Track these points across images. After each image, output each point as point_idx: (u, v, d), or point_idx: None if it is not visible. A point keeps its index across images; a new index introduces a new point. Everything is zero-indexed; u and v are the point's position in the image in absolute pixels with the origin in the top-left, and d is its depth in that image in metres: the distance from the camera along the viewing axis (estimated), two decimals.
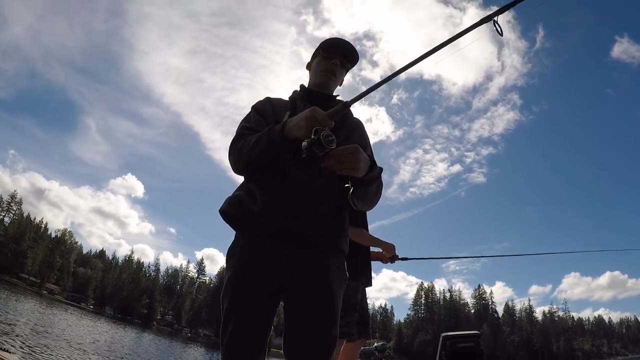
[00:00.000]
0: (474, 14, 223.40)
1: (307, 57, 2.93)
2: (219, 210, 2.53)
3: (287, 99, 2.84)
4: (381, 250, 5.08)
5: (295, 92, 2.88)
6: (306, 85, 2.89)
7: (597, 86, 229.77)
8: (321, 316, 2.31)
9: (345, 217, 2.59)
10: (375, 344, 7.36)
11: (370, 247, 4.97)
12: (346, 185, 2.44)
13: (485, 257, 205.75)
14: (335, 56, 2.78)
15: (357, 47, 2.82)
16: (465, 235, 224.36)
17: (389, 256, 5.08)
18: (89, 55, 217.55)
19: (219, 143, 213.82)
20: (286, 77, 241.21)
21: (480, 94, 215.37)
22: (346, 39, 2.84)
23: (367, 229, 4.90)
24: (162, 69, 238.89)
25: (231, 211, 2.50)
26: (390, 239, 4.96)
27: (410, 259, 5.34)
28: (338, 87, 2.89)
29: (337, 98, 2.83)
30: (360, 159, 2.19)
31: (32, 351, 14.91)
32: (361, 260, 4.77)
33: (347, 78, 2.98)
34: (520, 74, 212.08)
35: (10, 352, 12.37)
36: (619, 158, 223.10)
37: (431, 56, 2.35)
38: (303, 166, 2.42)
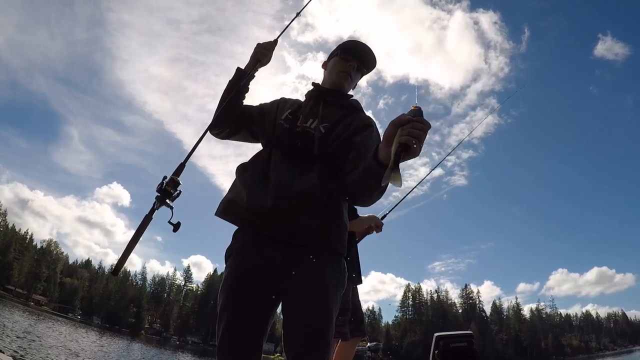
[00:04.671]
0: (460, 16, 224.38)
1: (291, 63, 3.16)
2: (215, 214, 2.58)
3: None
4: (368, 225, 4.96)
5: (308, 92, 2.92)
6: (318, 83, 2.95)
7: (580, 85, 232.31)
8: (315, 319, 2.30)
9: (341, 213, 2.52)
10: (369, 344, 7.46)
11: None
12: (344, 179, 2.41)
13: (469, 258, 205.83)
14: (353, 59, 2.83)
15: None
16: (449, 235, 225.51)
17: (376, 225, 4.96)
18: (71, 64, 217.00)
19: (202, 150, 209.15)
20: (268, 83, 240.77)
21: (458, 99, 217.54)
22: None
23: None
24: (144, 77, 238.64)
25: (222, 215, 2.54)
26: (375, 240, 5.02)
27: (388, 213, 5.15)
28: (352, 90, 2.93)
29: (352, 98, 2.89)
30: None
31: (23, 356, 14.91)
32: (350, 257, 4.79)
33: None
34: (498, 79, 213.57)
35: (2, 352, 12.43)
36: (602, 154, 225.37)
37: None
38: (291, 161, 2.50)
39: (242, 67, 2.91)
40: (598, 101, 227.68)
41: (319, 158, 2.50)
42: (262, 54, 2.88)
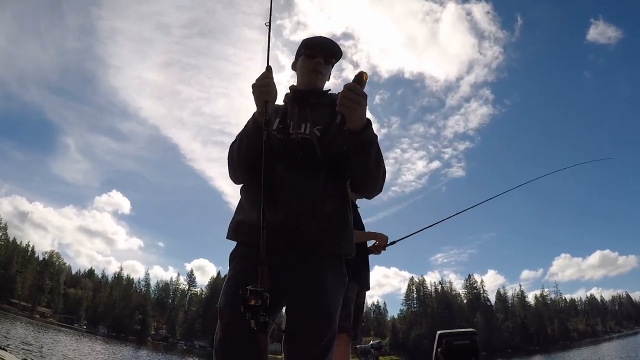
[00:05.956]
0: (453, 8, 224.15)
1: (285, 62, 2.59)
2: (227, 237, 2.61)
3: (282, 103, 2.88)
4: (375, 243, 5.09)
5: (286, 95, 2.91)
6: (295, 86, 2.93)
7: (573, 70, 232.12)
8: (313, 320, 2.30)
9: (347, 217, 2.59)
10: (372, 342, 7.50)
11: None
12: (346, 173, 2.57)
13: (471, 248, 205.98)
14: (318, 54, 2.81)
15: None
16: (449, 227, 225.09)
17: (383, 245, 5.09)
18: (64, 74, 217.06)
19: (198, 153, 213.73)
20: None
21: (452, 91, 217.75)
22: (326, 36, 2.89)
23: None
24: (137, 83, 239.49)
25: (234, 238, 2.58)
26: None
27: (397, 240, 5.35)
28: (327, 82, 2.94)
29: (329, 92, 2.90)
30: (362, 102, 2.23)
31: None
32: (361, 264, 4.91)
33: (330, 80, 3.00)
34: (491, 70, 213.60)
35: (7, 351, 12.57)
36: (598, 138, 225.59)
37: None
38: (296, 172, 2.48)
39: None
40: (592, 85, 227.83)
41: (323, 162, 2.52)
42: (266, 91, 2.45)
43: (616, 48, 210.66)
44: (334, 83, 2.97)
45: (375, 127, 2.40)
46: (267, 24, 2.64)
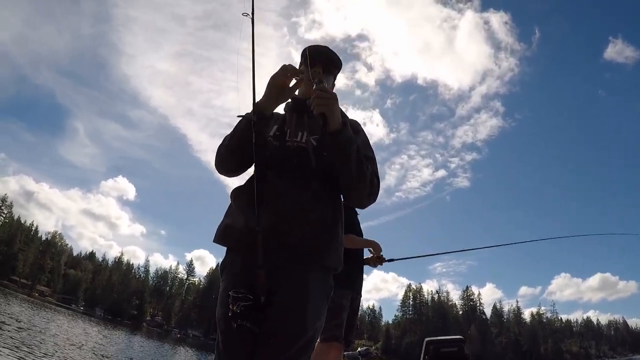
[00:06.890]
0: (470, 16, 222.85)
1: (298, 59, 2.91)
2: (214, 241, 2.56)
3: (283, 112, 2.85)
4: (373, 256, 5.22)
5: (286, 103, 2.78)
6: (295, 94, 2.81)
7: (588, 88, 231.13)
8: (292, 321, 2.24)
9: (337, 229, 2.51)
10: (359, 349, 7.93)
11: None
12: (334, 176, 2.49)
13: (470, 260, 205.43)
14: (318, 63, 2.71)
15: (350, 50, 2.84)
16: (451, 237, 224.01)
17: (377, 255, 5.20)
18: (77, 59, 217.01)
19: (206, 145, 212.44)
20: None
21: (463, 101, 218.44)
22: (328, 45, 2.90)
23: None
24: (149, 72, 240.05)
25: (221, 242, 2.53)
26: (376, 239, 5.22)
27: (396, 259, 5.44)
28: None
29: None
30: (335, 98, 2.31)
31: (20, 347, 15.19)
32: (355, 271, 5.07)
33: (341, 81, 2.88)
34: (503, 82, 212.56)
35: None
36: (609, 159, 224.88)
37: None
38: (288, 179, 2.46)
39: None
40: (607, 104, 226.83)
41: (316, 172, 2.48)
42: (281, 93, 2.54)
43: (634, 68, 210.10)
44: (346, 84, 3.02)
45: (384, 131, 2.55)
46: (246, 14, 2.61)
